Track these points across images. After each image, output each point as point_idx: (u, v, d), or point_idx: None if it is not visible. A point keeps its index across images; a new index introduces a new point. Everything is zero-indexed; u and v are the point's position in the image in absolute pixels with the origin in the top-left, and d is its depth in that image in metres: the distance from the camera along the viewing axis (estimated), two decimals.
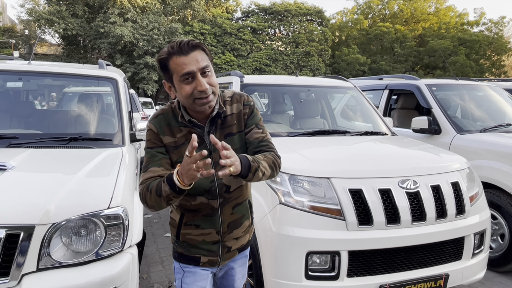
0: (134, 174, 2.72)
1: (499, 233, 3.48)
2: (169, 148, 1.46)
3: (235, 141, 1.49)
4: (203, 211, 1.49)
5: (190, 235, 1.54)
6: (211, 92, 1.36)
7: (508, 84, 5.85)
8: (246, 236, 1.64)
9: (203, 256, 1.56)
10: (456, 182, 2.54)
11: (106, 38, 25.69)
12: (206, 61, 1.37)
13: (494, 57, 31.04)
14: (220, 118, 1.48)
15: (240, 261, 1.68)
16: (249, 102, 1.55)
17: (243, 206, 1.58)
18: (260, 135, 1.51)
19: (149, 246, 3.99)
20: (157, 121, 1.48)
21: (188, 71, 1.32)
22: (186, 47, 1.34)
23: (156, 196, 1.32)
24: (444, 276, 2.38)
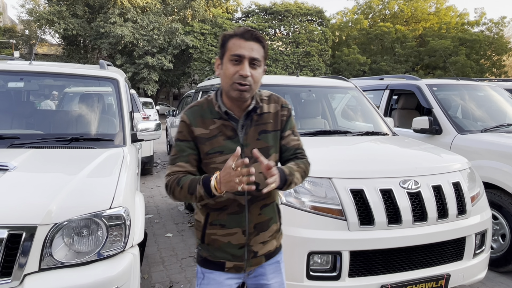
0: (135, 174, 2.73)
1: (500, 233, 3.48)
2: (200, 140, 1.46)
3: (269, 139, 1.49)
4: (230, 209, 1.47)
5: (215, 235, 1.50)
6: (249, 83, 1.38)
7: (509, 84, 5.85)
8: (273, 242, 1.58)
9: (228, 261, 1.51)
10: (457, 182, 2.54)
11: (107, 38, 25.68)
12: (260, 56, 1.40)
13: (494, 57, 31.00)
14: (256, 113, 1.48)
15: (272, 268, 1.59)
16: (287, 105, 1.56)
17: (271, 208, 1.55)
18: (296, 142, 1.55)
19: (150, 246, 3.99)
20: (191, 112, 1.49)
21: (239, 53, 1.37)
22: (249, 35, 1.39)
23: (188, 193, 1.36)
24: (445, 276, 2.39)
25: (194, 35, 27.44)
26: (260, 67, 1.42)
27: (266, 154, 1.46)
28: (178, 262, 3.62)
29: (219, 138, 1.45)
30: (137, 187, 2.81)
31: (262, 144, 1.47)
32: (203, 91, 5.04)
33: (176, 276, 3.33)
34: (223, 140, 1.44)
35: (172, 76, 29.82)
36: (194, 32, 27.58)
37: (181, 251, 3.88)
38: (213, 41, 28.00)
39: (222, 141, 1.44)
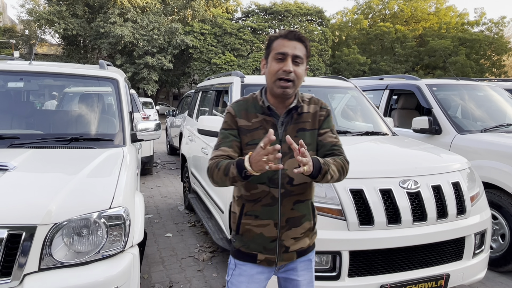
0: (135, 174, 2.72)
1: (499, 233, 3.48)
2: (242, 131, 1.57)
3: (307, 136, 1.56)
4: (263, 201, 1.53)
5: (249, 225, 1.57)
6: (292, 79, 1.47)
7: (509, 84, 5.85)
8: (306, 240, 1.61)
9: (260, 254, 1.57)
10: (457, 182, 2.55)
11: (107, 38, 25.68)
12: (302, 54, 1.50)
13: (494, 57, 31.01)
14: (297, 112, 1.57)
15: (303, 265, 1.64)
16: (326, 107, 1.64)
17: (305, 205, 1.58)
18: (334, 139, 1.59)
19: (149, 246, 3.99)
20: (237, 105, 1.62)
21: (283, 51, 1.48)
22: (292, 35, 1.50)
23: (223, 175, 1.43)
24: (445, 276, 2.39)
25: (194, 35, 27.43)
26: (303, 65, 1.52)
27: None
28: (178, 262, 3.62)
29: (260, 131, 1.55)
30: (137, 187, 2.81)
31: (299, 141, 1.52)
32: (203, 91, 5.04)
33: (176, 276, 3.33)
34: (263, 133, 1.52)
35: (172, 76, 29.82)
36: (194, 32, 27.57)
37: (180, 251, 3.88)
38: (213, 41, 28.00)
39: (262, 134, 1.53)
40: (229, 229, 3.18)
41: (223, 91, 4.14)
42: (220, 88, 4.07)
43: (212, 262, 3.63)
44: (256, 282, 1.60)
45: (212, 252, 3.84)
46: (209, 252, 3.84)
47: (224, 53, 27.86)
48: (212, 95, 4.41)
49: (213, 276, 3.35)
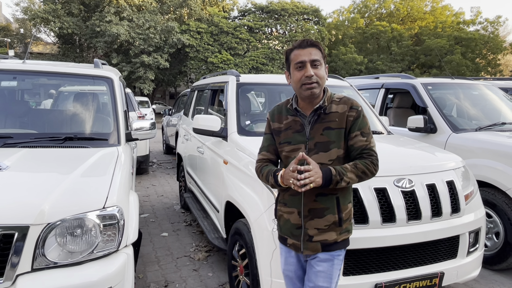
0: (129, 173, 2.71)
1: (494, 231, 3.50)
2: (275, 132, 1.82)
3: (332, 135, 1.69)
4: (291, 191, 1.73)
5: (281, 211, 1.80)
6: (316, 80, 1.64)
7: (503, 83, 5.88)
8: (332, 234, 1.70)
9: (289, 238, 1.77)
10: (451, 181, 2.55)
11: (102, 37, 25.54)
12: (318, 57, 1.67)
13: (489, 56, 31.12)
14: (323, 111, 1.71)
15: (326, 258, 1.72)
16: (357, 107, 1.72)
17: (329, 199, 1.69)
18: (364, 143, 1.69)
19: (145, 246, 3.98)
20: (273, 110, 1.87)
21: (301, 60, 1.66)
22: (305, 44, 1.68)
23: (265, 180, 1.76)
24: (439, 274, 2.39)
25: (190, 34, 27.35)
26: (322, 66, 1.68)
27: (327, 148, 1.69)
28: (174, 262, 3.61)
29: (289, 131, 1.76)
30: (131, 187, 2.80)
31: (324, 138, 1.70)
32: (199, 90, 5.03)
33: (171, 276, 3.33)
34: (292, 133, 1.75)
35: (168, 75, 29.73)
36: (191, 31, 27.48)
37: (176, 251, 3.87)
38: (209, 39, 27.92)
39: (291, 134, 1.75)
40: (224, 227, 3.18)
41: (219, 90, 4.13)
42: (216, 87, 4.06)
43: (208, 262, 3.62)
44: (289, 264, 1.83)
45: (208, 252, 3.83)
46: (205, 251, 3.84)
47: (220, 52, 27.80)
48: (208, 94, 4.40)
49: (208, 275, 3.34)
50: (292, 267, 1.82)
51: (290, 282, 1.86)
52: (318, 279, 1.72)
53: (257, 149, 2.71)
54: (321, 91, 1.70)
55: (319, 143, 1.69)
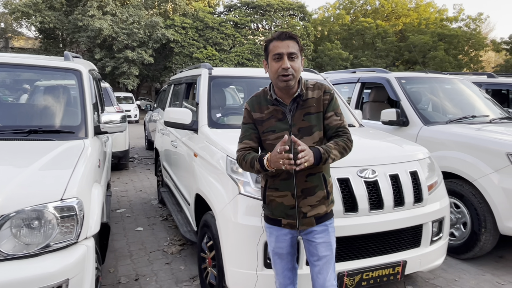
0: (95, 166, 2.68)
1: (462, 221, 3.58)
2: (257, 122, 1.89)
3: (312, 119, 1.84)
4: (281, 176, 1.83)
5: (272, 197, 1.88)
6: (291, 73, 1.74)
7: (476, 77, 6.00)
8: (322, 207, 1.88)
9: (283, 219, 1.89)
10: (415, 172, 2.59)
11: (85, 32, 25.05)
12: (295, 50, 1.76)
13: (472, 53, 31.63)
14: (301, 99, 1.83)
15: (321, 229, 1.89)
16: (330, 91, 1.89)
17: (317, 177, 1.84)
18: (338, 122, 1.85)
19: (118, 241, 3.95)
20: (251, 101, 1.93)
21: (279, 52, 1.75)
22: (284, 35, 1.76)
23: (250, 167, 1.81)
24: (402, 262, 2.44)
25: (175, 29, 27.07)
26: (298, 59, 1.78)
27: (310, 132, 1.83)
28: (146, 256, 3.60)
29: (272, 120, 1.85)
30: (98, 180, 2.77)
31: (306, 123, 1.83)
32: (175, 83, 5.00)
33: (143, 269, 3.31)
34: (275, 121, 1.85)
35: (153, 71, 29.40)
36: (175, 26, 27.20)
37: (150, 245, 3.86)
38: (195, 35, 27.69)
39: (274, 122, 1.85)
40: (194, 220, 3.18)
41: (193, 83, 4.11)
42: (189, 80, 4.04)
43: (181, 255, 3.62)
44: (281, 241, 1.93)
45: (182, 245, 3.83)
46: (179, 245, 3.83)
47: (205, 47, 27.60)
48: (182, 87, 4.38)
49: (180, 268, 3.34)
50: (284, 244, 1.93)
51: (279, 258, 1.97)
52: (320, 250, 1.88)
53: (226, 141, 2.73)
54: (295, 82, 1.81)
55: (302, 128, 1.83)
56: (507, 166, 3.24)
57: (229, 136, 2.94)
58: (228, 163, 2.46)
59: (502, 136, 3.52)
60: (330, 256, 1.91)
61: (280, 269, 1.99)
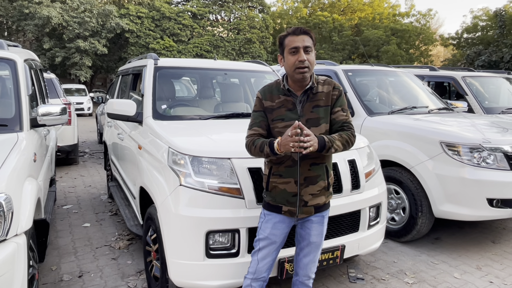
0: (31, 161, 2.57)
1: (401, 207, 3.78)
2: (267, 110, 1.98)
3: (320, 112, 1.94)
4: (286, 163, 1.93)
5: (275, 183, 1.96)
6: (307, 65, 1.85)
7: (419, 70, 6.32)
8: (322, 198, 1.99)
9: (284, 206, 1.97)
10: (353, 160, 2.70)
11: (32, 20, 23.59)
12: (310, 44, 1.88)
13: (422, 47, 33.22)
14: (312, 92, 1.94)
15: (317, 219, 2.03)
16: (339, 87, 2.00)
17: (320, 167, 1.95)
18: (344, 117, 1.96)
19: (63, 237, 3.82)
20: (263, 90, 2.04)
21: (295, 46, 1.86)
22: (299, 31, 1.88)
23: (259, 151, 1.89)
24: (340, 247, 2.55)
25: (130, 18, 26.18)
26: (312, 52, 1.89)
27: (317, 123, 1.92)
28: (92, 252, 3.50)
29: (282, 109, 1.95)
30: (34, 175, 2.65)
31: (314, 115, 1.93)
32: (123, 74, 4.85)
33: (87, 266, 3.23)
34: (285, 111, 1.95)
35: (107, 61, 28.30)
36: (130, 15, 26.30)
37: (97, 241, 3.76)
38: (151, 25, 26.92)
39: (284, 112, 1.95)
40: (140, 214, 3.13)
41: (140, 74, 4.02)
42: (136, 71, 3.94)
43: (129, 250, 3.56)
44: (278, 229, 2.00)
45: (130, 240, 3.76)
46: (127, 240, 3.76)
47: (162, 38, 26.96)
48: (129, 78, 4.26)
49: (127, 263, 3.29)
50: (279, 231, 2.01)
51: (270, 245, 2.03)
52: (312, 237, 2.04)
53: (170, 133, 2.70)
54: (310, 74, 1.91)
55: (310, 119, 1.92)
56: (440, 153, 3.46)
57: (174, 128, 2.91)
58: (170, 155, 2.45)
59: (437, 125, 3.74)
60: (319, 244, 2.09)
61: (265, 255, 2.04)
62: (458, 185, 3.36)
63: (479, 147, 3.36)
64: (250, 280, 2.08)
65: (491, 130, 3.72)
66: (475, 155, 3.36)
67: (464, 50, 27.46)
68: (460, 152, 3.38)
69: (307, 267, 2.12)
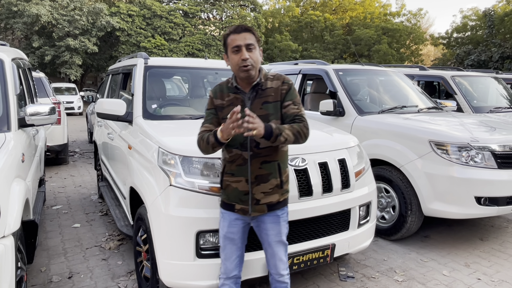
0: (18, 161, 2.54)
1: (391, 205, 3.82)
2: (218, 108, 1.99)
3: (270, 108, 1.92)
4: (237, 161, 1.92)
5: (228, 182, 1.96)
6: (250, 63, 1.83)
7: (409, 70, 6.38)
8: (276, 195, 1.96)
9: (237, 204, 1.96)
10: (343, 159, 2.72)
11: (21, 18, 23.23)
12: (252, 41, 1.85)
13: (412, 47, 33.49)
14: (261, 88, 1.93)
15: (272, 218, 2.00)
16: (288, 81, 1.97)
17: (272, 165, 1.93)
18: (296, 110, 1.92)
19: (53, 238, 3.78)
20: (215, 89, 2.04)
21: (237, 44, 1.83)
22: (240, 29, 1.86)
23: (206, 144, 1.86)
24: (331, 246, 2.56)
25: (121, 16, 25.93)
26: (256, 49, 1.88)
27: (266, 120, 1.86)
28: (82, 252, 3.47)
29: (231, 107, 1.90)
30: (22, 176, 2.62)
31: (263, 112, 1.90)
32: (113, 73, 4.81)
33: (77, 267, 3.20)
34: None
35: (98, 60, 28.00)
36: (121, 13, 26.05)
37: (87, 241, 3.73)
38: (142, 23, 26.72)
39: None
40: (130, 214, 3.11)
41: (130, 73, 3.99)
42: (126, 70, 3.91)
43: (119, 250, 3.54)
44: (234, 226, 2.01)
45: (121, 240, 3.74)
46: (117, 240, 3.74)
47: (154, 36, 26.76)
48: (120, 77, 4.23)
49: (117, 263, 3.27)
50: (236, 229, 2.01)
51: (230, 243, 2.03)
52: (270, 237, 2.02)
53: (160, 133, 2.69)
54: (256, 72, 1.90)
55: (260, 116, 1.84)
56: (429, 152, 3.49)
57: (164, 127, 2.90)
58: (160, 155, 2.44)
59: (426, 124, 3.78)
60: (281, 241, 2.05)
61: (229, 254, 2.04)
62: (446, 184, 3.40)
63: (467, 146, 3.41)
64: (223, 279, 2.08)
65: (479, 129, 3.77)
66: (463, 154, 3.41)
67: (454, 50, 27.78)
68: (448, 151, 3.42)
69: (276, 267, 2.09)
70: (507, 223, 4.45)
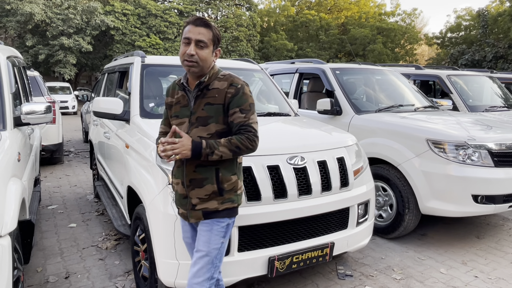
0: (14, 160, 2.51)
1: (389, 203, 3.83)
2: (168, 106, 1.94)
3: (211, 110, 1.77)
4: (177, 163, 1.86)
5: (174, 183, 1.91)
6: (195, 60, 1.71)
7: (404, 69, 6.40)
8: (213, 202, 1.78)
9: (180, 208, 1.90)
10: (342, 158, 2.72)
11: (14, 16, 23.01)
12: (206, 38, 1.73)
13: (407, 46, 33.63)
14: (207, 87, 1.79)
15: (205, 227, 1.80)
16: (237, 84, 1.77)
17: (207, 170, 1.77)
18: (242, 119, 1.74)
19: (49, 238, 3.74)
20: (168, 87, 1.98)
21: (188, 36, 1.72)
22: (199, 21, 1.74)
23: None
24: (330, 244, 2.56)
25: (115, 15, 25.77)
26: (207, 48, 1.74)
27: (205, 123, 1.77)
28: (79, 252, 3.44)
29: (178, 105, 1.87)
30: (19, 175, 2.59)
31: (204, 113, 1.78)
32: (109, 72, 4.78)
33: (74, 267, 3.17)
34: (180, 107, 1.86)
35: (92, 59, 27.82)
36: (115, 12, 25.90)
37: (83, 241, 3.70)
38: (136, 22, 26.58)
39: (179, 108, 1.87)
40: (128, 213, 3.09)
41: (126, 72, 3.96)
42: (122, 68, 3.88)
43: (116, 250, 3.51)
44: (186, 231, 1.98)
45: (118, 240, 3.71)
46: (114, 240, 3.71)
47: (149, 35, 26.64)
48: (116, 76, 4.20)
49: (115, 263, 3.24)
50: (189, 233, 1.96)
51: (189, 247, 2.00)
52: (199, 243, 1.81)
53: (157, 132, 2.67)
54: (201, 70, 1.76)
55: (200, 118, 1.78)
56: (427, 151, 3.51)
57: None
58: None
59: (423, 123, 3.79)
60: (205, 254, 1.77)
61: (191, 256, 2.01)
62: (444, 182, 3.41)
63: (464, 145, 3.42)
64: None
65: (475, 128, 3.79)
66: (460, 152, 3.42)
67: (448, 49, 27.93)
68: (445, 149, 3.44)
69: (192, 279, 1.77)
70: (503, 221, 4.48)
